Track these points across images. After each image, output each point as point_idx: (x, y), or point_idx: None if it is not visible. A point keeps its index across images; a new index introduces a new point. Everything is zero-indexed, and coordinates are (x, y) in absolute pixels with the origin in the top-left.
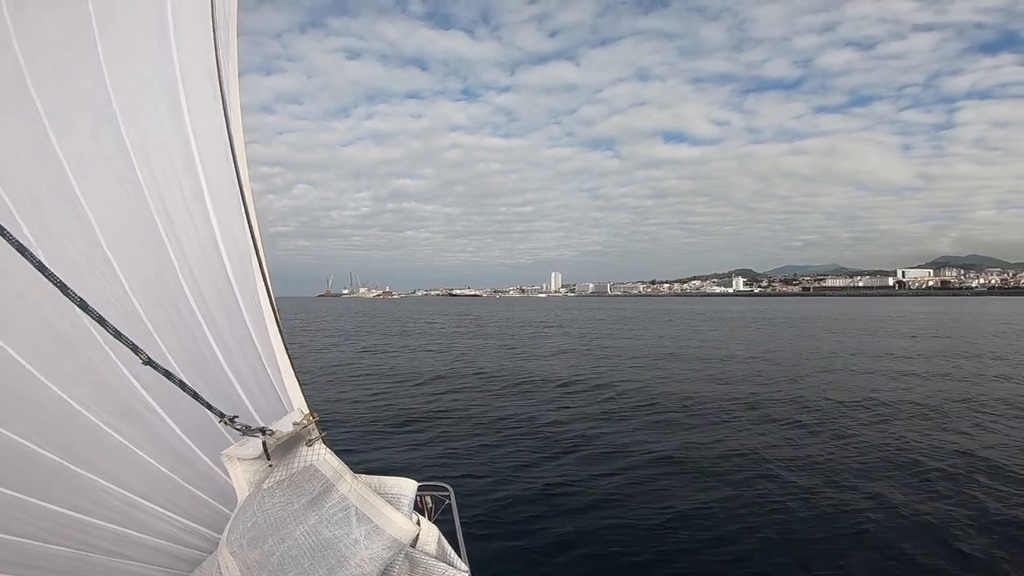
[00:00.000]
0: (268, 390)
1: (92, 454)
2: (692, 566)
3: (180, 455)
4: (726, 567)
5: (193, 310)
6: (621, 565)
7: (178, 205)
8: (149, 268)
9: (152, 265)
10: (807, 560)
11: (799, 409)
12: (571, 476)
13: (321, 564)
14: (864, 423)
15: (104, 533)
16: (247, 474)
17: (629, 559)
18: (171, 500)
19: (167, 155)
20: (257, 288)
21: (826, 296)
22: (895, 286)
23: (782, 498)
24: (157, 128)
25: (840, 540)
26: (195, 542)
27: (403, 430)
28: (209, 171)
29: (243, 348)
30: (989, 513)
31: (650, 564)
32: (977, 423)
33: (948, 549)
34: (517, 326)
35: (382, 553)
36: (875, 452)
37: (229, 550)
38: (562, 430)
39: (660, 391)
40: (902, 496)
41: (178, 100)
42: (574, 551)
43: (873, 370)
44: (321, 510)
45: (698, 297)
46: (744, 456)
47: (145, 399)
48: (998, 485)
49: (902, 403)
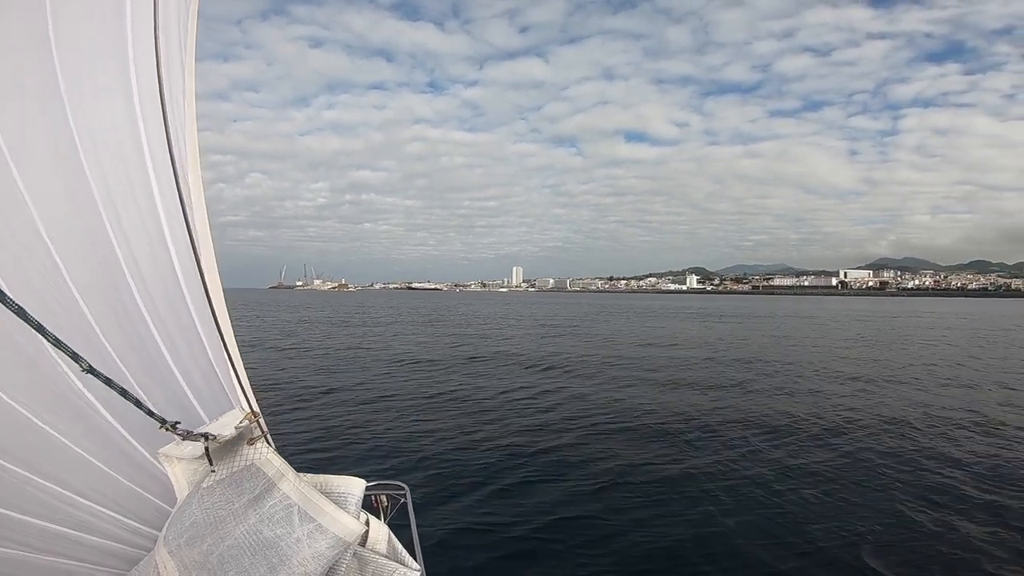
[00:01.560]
0: (215, 385)
1: (23, 450)
2: (656, 562)
3: (122, 452)
4: (693, 563)
5: (138, 304)
6: (585, 565)
7: (125, 198)
8: (94, 261)
9: (97, 258)
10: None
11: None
12: (535, 478)
13: (262, 563)
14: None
15: (40, 532)
16: (186, 473)
17: (592, 560)
18: (112, 498)
19: (115, 143)
20: (204, 281)
21: (774, 295)
22: (838, 286)
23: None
24: (107, 117)
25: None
26: (138, 541)
27: (356, 428)
28: (158, 161)
29: (189, 343)
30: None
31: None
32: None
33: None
34: (477, 322)
35: (326, 551)
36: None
37: (167, 549)
38: (527, 432)
39: (627, 390)
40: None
41: (129, 87)
42: (536, 552)
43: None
44: (262, 509)
45: (653, 294)
46: (706, 446)
47: (84, 394)
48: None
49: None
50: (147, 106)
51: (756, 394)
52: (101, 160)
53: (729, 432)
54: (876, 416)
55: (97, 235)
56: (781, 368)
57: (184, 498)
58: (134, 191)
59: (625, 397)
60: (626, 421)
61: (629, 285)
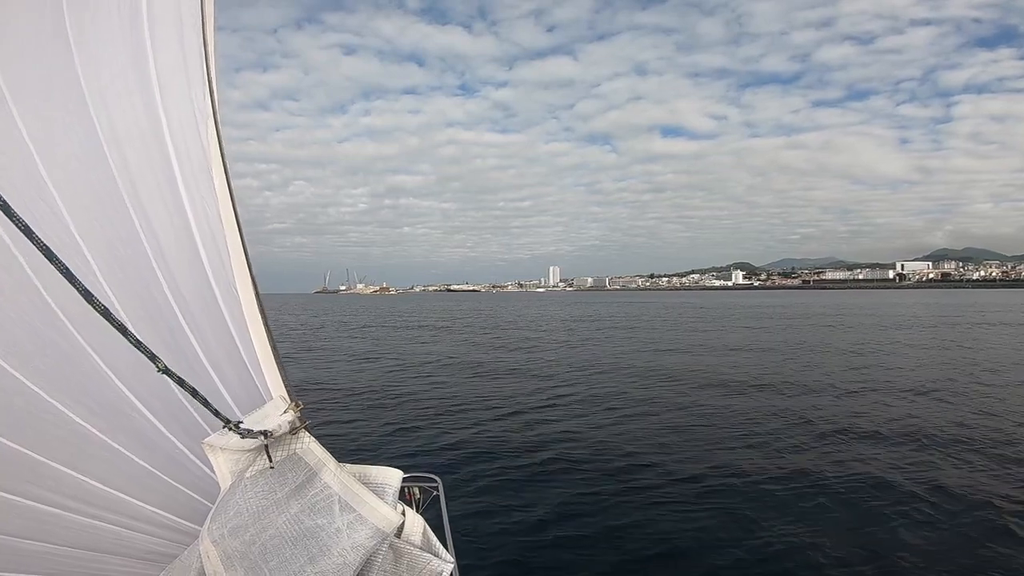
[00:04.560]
0: (245, 377)
1: (68, 449)
2: (682, 559)
3: (160, 449)
4: (723, 562)
5: (168, 299)
6: (616, 561)
7: (151, 193)
8: (123, 257)
9: (126, 254)
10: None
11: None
12: (568, 472)
13: (303, 553)
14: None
15: (82, 527)
16: (229, 463)
17: (626, 555)
18: (151, 494)
19: (141, 143)
20: (235, 276)
21: (826, 289)
22: (895, 279)
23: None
24: (130, 115)
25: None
26: (175, 535)
27: (393, 421)
28: (183, 159)
29: (219, 337)
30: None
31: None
32: None
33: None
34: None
35: (365, 542)
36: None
37: (211, 539)
38: (554, 427)
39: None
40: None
41: (151, 87)
42: (566, 545)
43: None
44: (304, 499)
45: (698, 291)
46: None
47: (122, 391)
48: None
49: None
50: (169, 102)
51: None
52: (127, 159)
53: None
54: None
55: (126, 232)
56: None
57: (228, 487)
58: (160, 188)
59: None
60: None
61: (671, 282)
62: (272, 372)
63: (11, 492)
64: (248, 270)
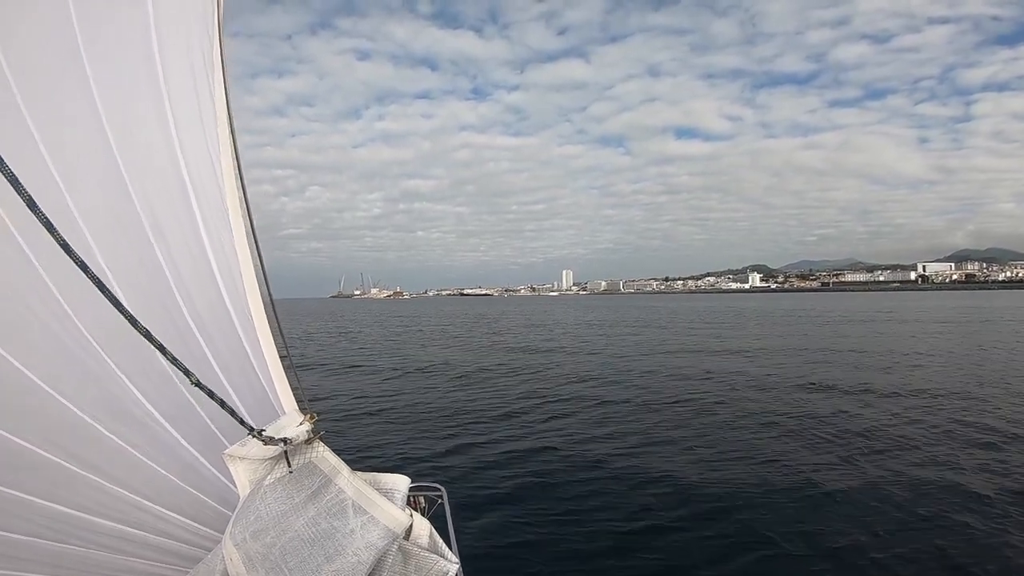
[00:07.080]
0: (259, 393)
1: (96, 458)
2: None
3: (179, 458)
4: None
5: (187, 321)
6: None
7: (168, 216)
8: (144, 282)
9: (147, 278)
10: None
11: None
12: (570, 477)
13: (320, 553)
14: None
15: (109, 532)
16: (248, 472)
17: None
18: (171, 500)
19: (158, 169)
20: (245, 290)
21: (846, 291)
22: (918, 280)
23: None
24: (146, 143)
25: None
26: (196, 540)
27: (400, 429)
28: (196, 181)
29: (235, 355)
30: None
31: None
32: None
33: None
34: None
35: (377, 542)
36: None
37: (233, 543)
38: (566, 433)
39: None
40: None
41: (164, 113)
42: (568, 553)
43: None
44: (320, 503)
45: (713, 294)
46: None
47: (143, 405)
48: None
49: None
50: (181, 120)
51: None
52: (145, 186)
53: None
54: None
55: (146, 256)
56: None
57: (247, 495)
58: (175, 211)
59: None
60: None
61: (686, 285)
62: (284, 387)
63: (47, 499)
64: (256, 286)
